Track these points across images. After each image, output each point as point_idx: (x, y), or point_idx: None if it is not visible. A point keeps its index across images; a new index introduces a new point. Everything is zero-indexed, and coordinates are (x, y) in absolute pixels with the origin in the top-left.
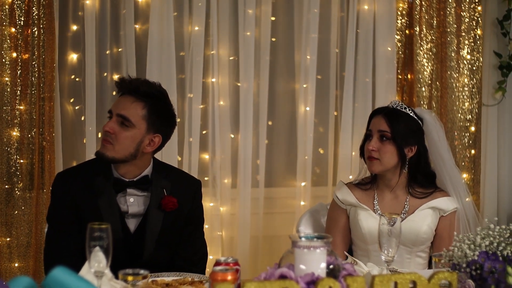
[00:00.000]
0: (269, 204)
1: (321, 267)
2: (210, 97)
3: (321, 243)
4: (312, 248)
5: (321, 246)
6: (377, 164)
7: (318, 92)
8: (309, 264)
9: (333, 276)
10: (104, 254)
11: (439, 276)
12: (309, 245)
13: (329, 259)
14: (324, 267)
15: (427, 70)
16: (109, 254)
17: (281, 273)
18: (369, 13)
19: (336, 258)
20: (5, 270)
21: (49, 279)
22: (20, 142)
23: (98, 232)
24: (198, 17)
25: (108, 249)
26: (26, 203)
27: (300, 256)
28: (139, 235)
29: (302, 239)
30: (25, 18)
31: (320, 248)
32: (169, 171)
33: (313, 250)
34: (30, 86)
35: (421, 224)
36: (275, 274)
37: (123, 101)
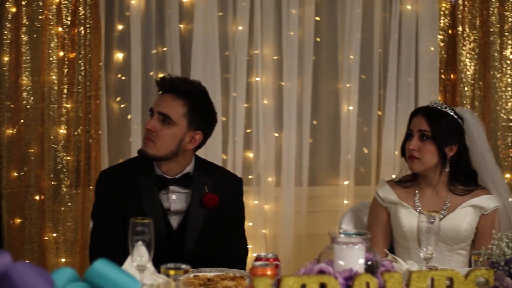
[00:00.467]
0: (312, 203)
1: (359, 263)
2: (254, 96)
3: (359, 240)
4: (351, 245)
5: (360, 242)
6: (418, 164)
7: (362, 92)
8: (348, 260)
9: (371, 272)
10: (146, 248)
11: (476, 273)
12: (348, 242)
13: (368, 256)
14: (363, 263)
15: (470, 70)
16: (151, 249)
17: (320, 268)
18: (412, 13)
19: (375, 255)
20: (52, 265)
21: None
22: (67, 139)
23: (141, 227)
24: (242, 17)
25: (150, 243)
26: (73, 200)
27: (339, 252)
28: (181, 232)
29: (341, 236)
30: (72, 18)
31: (358, 244)
32: (210, 169)
33: (352, 246)
34: (76, 85)
35: (462, 222)
36: (314, 270)
37: (164, 99)
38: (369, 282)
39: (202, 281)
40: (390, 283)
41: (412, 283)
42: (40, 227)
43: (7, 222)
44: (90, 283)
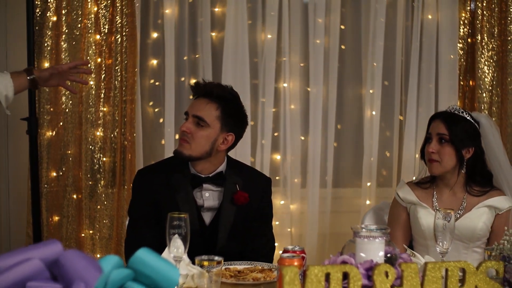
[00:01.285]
0: (336, 203)
1: (379, 255)
2: (281, 101)
3: (380, 234)
4: (372, 238)
5: (380, 236)
6: (437, 166)
7: (384, 97)
8: (369, 252)
9: (390, 264)
10: (182, 241)
11: (487, 265)
12: (369, 235)
13: (387, 249)
14: (382, 256)
15: (488, 77)
16: (187, 241)
17: (343, 259)
18: (433, 22)
19: (394, 248)
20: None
21: (134, 258)
22: (103, 141)
23: (177, 221)
24: (271, 26)
25: (186, 236)
26: (108, 199)
27: (361, 245)
28: (214, 227)
29: (363, 230)
30: (109, 26)
31: (379, 238)
32: (241, 168)
33: (373, 239)
34: (113, 89)
35: (477, 222)
36: (337, 261)
37: (198, 103)
38: (388, 271)
39: (232, 273)
40: (407, 272)
41: (428, 273)
42: (77, 224)
43: (46, 219)
44: (134, 270)
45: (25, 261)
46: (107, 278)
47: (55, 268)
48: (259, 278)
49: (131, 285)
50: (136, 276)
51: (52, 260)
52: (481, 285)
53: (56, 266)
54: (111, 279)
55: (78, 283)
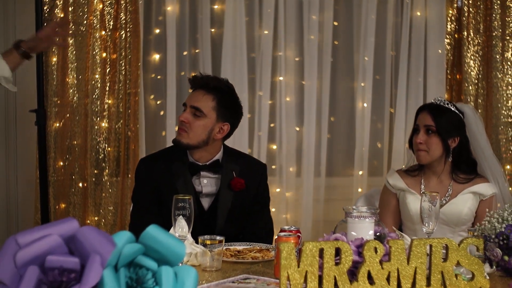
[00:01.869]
0: (329, 192)
1: (369, 234)
2: (277, 94)
3: (369, 214)
4: (362, 218)
5: (370, 216)
6: (425, 156)
7: (375, 91)
8: (359, 231)
9: (380, 241)
10: (187, 221)
11: (468, 242)
12: (360, 215)
13: (377, 228)
14: (372, 234)
15: (474, 71)
16: (191, 222)
17: (336, 237)
18: (421, 18)
19: (383, 228)
20: None
21: (145, 234)
22: (108, 132)
23: (182, 203)
24: (267, 22)
25: (190, 217)
26: (113, 187)
27: (352, 224)
28: (212, 212)
29: (354, 210)
30: (113, 22)
31: (369, 218)
32: (237, 156)
33: (363, 219)
34: (117, 83)
35: (463, 207)
36: (331, 238)
37: (196, 95)
38: (377, 247)
39: (232, 253)
40: (394, 248)
41: (413, 249)
42: (83, 211)
43: (54, 206)
44: (144, 245)
45: (44, 237)
46: (120, 252)
47: (72, 243)
48: (257, 257)
49: (141, 258)
50: (146, 251)
51: (70, 236)
52: (463, 260)
53: (73, 241)
54: (124, 253)
55: (94, 256)
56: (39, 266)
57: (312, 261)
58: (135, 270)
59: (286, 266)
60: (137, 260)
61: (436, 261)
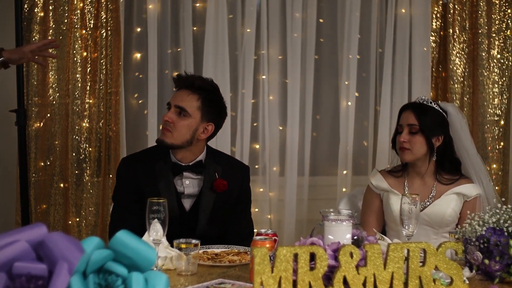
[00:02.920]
0: (313, 191)
1: (346, 237)
2: (260, 93)
3: (347, 217)
4: (339, 221)
5: (347, 219)
6: (408, 154)
7: (360, 88)
8: (336, 235)
9: (357, 245)
10: (161, 224)
11: (446, 246)
12: (337, 219)
13: (355, 232)
14: (349, 238)
15: (459, 68)
16: (165, 225)
17: (312, 241)
18: (406, 16)
19: (361, 232)
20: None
21: (114, 239)
22: (89, 132)
23: (156, 206)
24: (250, 20)
25: (164, 220)
26: (94, 187)
27: (329, 228)
28: (193, 213)
29: (331, 214)
30: (94, 21)
31: (346, 221)
32: (220, 157)
33: (340, 223)
34: (98, 82)
35: (446, 208)
36: (307, 242)
37: (180, 94)
38: (353, 252)
39: (209, 256)
40: (371, 252)
41: (390, 253)
42: (64, 212)
43: (34, 207)
44: (114, 250)
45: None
46: (89, 258)
47: (40, 249)
48: (235, 260)
49: (111, 264)
50: (116, 257)
51: (38, 241)
52: (441, 265)
53: (41, 247)
54: (93, 259)
55: (62, 263)
56: (6, 273)
57: (286, 266)
58: (104, 276)
59: (259, 271)
60: (106, 266)
61: (414, 266)
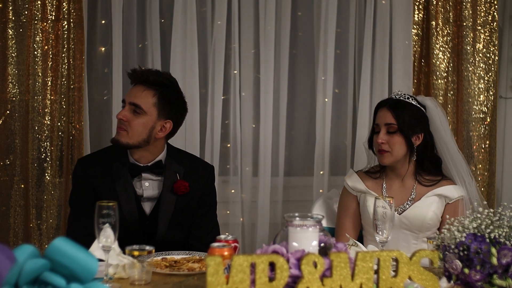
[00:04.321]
0: (288, 192)
1: (312, 244)
2: (232, 89)
3: (313, 222)
4: (305, 227)
5: (313, 225)
6: (388, 157)
7: (337, 84)
8: (301, 241)
9: (324, 253)
10: (112, 230)
11: (420, 254)
12: (302, 224)
13: (322, 238)
14: (316, 245)
15: (443, 63)
16: (116, 230)
17: (274, 249)
18: (386, 7)
19: (329, 238)
20: None
21: (51, 248)
22: (51, 130)
23: (106, 210)
24: (221, 11)
25: (115, 225)
26: (56, 188)
27: (293, 234)
28: (154, 217)
29: (295, 219)
30: (56, 13)
31: (312, 227)
32: (182, 157)
33: (306, 228)
34: (60, 77)
35: (427, 211)
36: (269, 250)
37: (135, 90)
38: (316, 261)
39: (168, 263)
40: (337, 262)
41: (358, 263)
42: (25, 214)
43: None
44: (50, 259)
45: None
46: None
47: None
48: (194, 268)
49: (47, 275)
50: (53, 266)
51: None
52: (415, 275)
53: None
54: (26, 269)
55: None
56: None
57: (243, 277)
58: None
59: (213, 283)
60: (42, 277)
61: (385, 277)
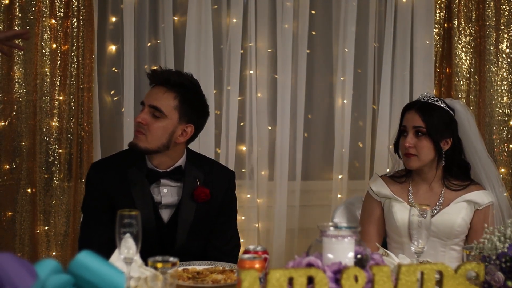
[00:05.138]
0: (305, 197)
1: (348, 256)
2: (248, 89)
3: (349, 233)
4: (340, 238)
5: (349, 235)
6: (415, 160)
7: (356, 86)
8: (337, 253)
9: (361, 265)
10: (134, 241)
11: (466, 267)
12: (337, 235)
13: (358, 249)
14: (352, 257)
15: (465, 64)
16: (139, 241)
17: (309, 261)
18: (407, 6)
19: (365, 248)
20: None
21: (75, 262)
22: (59, 132)
23: (128, 219)
24: (236, 9)
25: (137, 236)
26: (65, 193)
27: (328, 245)
28: (172, 225)
29: (330, 229)
30: (65, 9)
31: (348, 237)
32: (202, 162)
33: (341, 239)
34: (69, 77)
35: (456, 217)
36: (303, 263)
37: (155, 92)
38: (358, 275)
39: (191, 274)
40: (379, 276)
41: (402, 277)
42: (32, 220)
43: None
44: (74, 275)
45: None
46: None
47: None
48: (219, 280)
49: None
50: (77, 282)
51: None
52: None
53: None
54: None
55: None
56: None
57: None
58: None
59: None
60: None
61: None
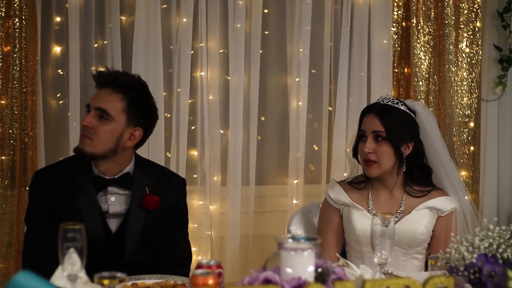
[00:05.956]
0: (260, 203)
1: (309, 270)
2: (199, 92)
3: (309, 245)
4: (299, 251)
5: (309, 248)
6: (375, 168)
7: (312, 87)
8: (296, 267)
9: (322, 280)
10: (79, 256)
11: (435, 281)
12: (296, 247)
13: (318, 262)
14: (312, 271)
15: (424, 64)
16: (84, 256)
17: (266, 277)
18: (364, 4)
19: (326, 261)
20: None
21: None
22: (1, 138)
23: (72, 233)
24: (186, 8)
25: (82, 250)
26: (8, 202)
27: (287, 259)
28: (121, 235)
29: (289, 241)
30: (6, 9)
31: (308, 250)
32: (152, 168)
33: (301, 252)
34: (11, 80)
35: (418, 225)
36: (260, 278)
37: (101, 94)
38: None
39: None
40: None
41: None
42: None
43: None
44: None
45: None
46: None
47: None
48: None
49: None
50: None
51: None
52: None
53: None
54: None
55: None
56: None
57: None
58: None
59: None
60: None
61: None
